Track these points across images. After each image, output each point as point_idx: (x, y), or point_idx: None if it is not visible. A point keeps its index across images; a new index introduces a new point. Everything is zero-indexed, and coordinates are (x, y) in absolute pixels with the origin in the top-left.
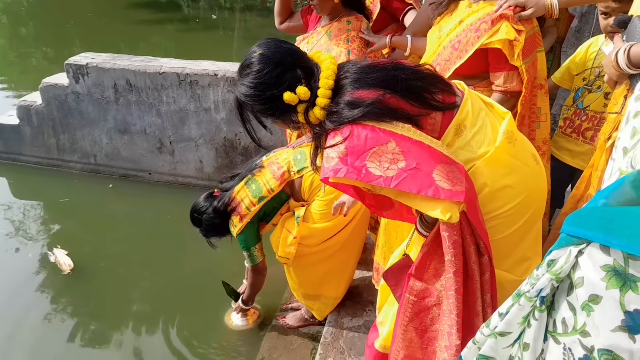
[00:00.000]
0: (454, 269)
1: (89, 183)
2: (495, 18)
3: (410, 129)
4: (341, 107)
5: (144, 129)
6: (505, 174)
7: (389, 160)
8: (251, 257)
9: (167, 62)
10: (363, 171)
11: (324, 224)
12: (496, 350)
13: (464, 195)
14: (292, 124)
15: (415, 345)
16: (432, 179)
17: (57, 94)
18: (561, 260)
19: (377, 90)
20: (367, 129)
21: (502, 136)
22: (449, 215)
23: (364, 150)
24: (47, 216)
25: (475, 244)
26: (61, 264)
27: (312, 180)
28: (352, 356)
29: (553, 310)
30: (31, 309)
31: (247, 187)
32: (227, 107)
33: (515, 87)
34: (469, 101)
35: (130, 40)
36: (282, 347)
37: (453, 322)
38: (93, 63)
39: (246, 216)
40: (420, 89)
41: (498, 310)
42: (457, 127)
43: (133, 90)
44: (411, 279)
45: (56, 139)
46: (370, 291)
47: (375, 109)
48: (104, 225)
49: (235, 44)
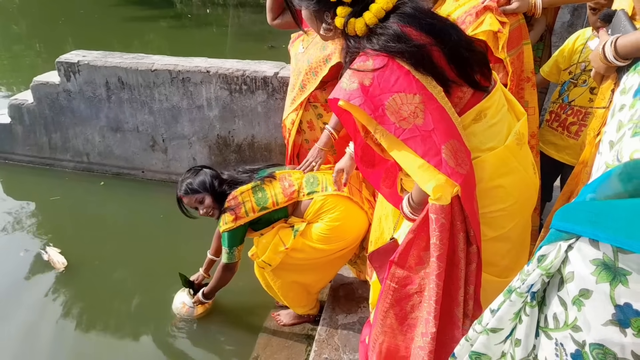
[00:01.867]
0: (438, 253)
1: (81, 182)
2: (479, 10)
3: (440, 92)
4: (386, 34)
5: (136, 127)
6: (504, 174)
7: (408, 112)
8: (230, 255)
9: (159, 59)
10: (379, 110)
11: (321, 245)
12: (488, 346)
13: (463, 178)
14: (323, 24)
15: (395, 331)
16: (439, 150)
17: (49, 92)
18: (551, 255)
19: (427, 36)
20: (402, 70)
21: (513, 136)
22: (439, 196)
23: (389, 90)
24: (39, 215)
25: (465, 231)
26: (55, 262)
27: (321, 205)
28: (347, 352)
29: (544, 305)
30: (24, 307)
31: (254, 193)
32: (220, 104)
33: (501, 79)
34: (498, 92)
35: (123, 38)
36: (277, 344)
37: (431, 308)
38: (84, 61)
39: (241, 219)
40: (465, 60)
41: (490, 306)
42: (479, 112)
43: (125, 88)
44: (393, 266)
45: (48, 138)
46: (365, 288)
47: (419, 53)
48: (97, 224)
49: (229, 40)
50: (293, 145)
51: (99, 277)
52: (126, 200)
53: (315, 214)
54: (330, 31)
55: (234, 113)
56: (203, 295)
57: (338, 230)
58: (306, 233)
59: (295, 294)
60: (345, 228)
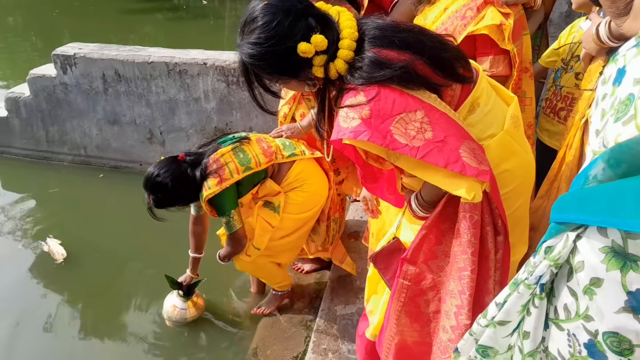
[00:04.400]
0: (472, 249)
1: (79, 175)
2: (480, 4)
3: (436, 100)
4: (366, 64)
5: (133, 119)
6: (507, 158)
7: (415, 129)
8: (230, 223)
9: (155, 51)
10: (388, 137)
11: (300, 215)
12: (495, 339)
13: (489, 174)
14: (308, 82)
15: (410, 328)
16: (459, 154)
17: (45, 85)
18: (559, 246)
19: (405, 52)
20: (396, 92)
21: (509, 120)
22: (474, 195)
23: (390, 115)
24: (38, 207)
25: (493, 223)
26: (54, 253)
27: (301, 169)
28: (346, 343)
29: (553, 297)
30: (24, 298)
31: (235, 154)
32: (217, 96)
33: (502, 71)
34: (484, 80)
35: (119, 31)
36: (276, 335)
37: (464, 302)
38: (81, 53)
39: (227, 181)
40: (445, 60)
41: (494, 300)
42: (472, 103)
43: (122, 81)
44: (405, 264)
45: (45, 131)
46: (363, 279)
47: (406, 73)
48: (95, 216)
49: (226, 32)
50: None
51: (98, 269)
52: (124, 193)
53: (294, 178)
54: (315, 86)
55: (231, 105)
56: (220, 258)
57: (314, 196)
58: (286, 207)
59: (271, 273)
60: (318, 192)
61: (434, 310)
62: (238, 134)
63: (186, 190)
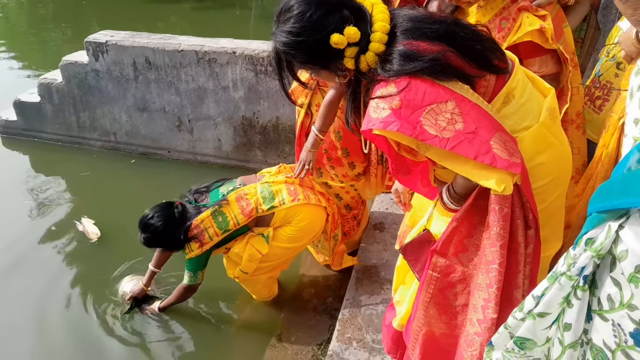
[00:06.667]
0: (501, 242)
1: (109, 160)
2: (515, 13)
3: (468, 90)
4: (397, 57)
5: (163, 107)
6: (542, 150)
7: (446, 120)
8: (193, 278)
9: (185, 39)
10: (418, 128)
11: (291, 245)
12: (534, 332)
13: (521, 167)
14: (339, 72)
15: (438, 320)
16: (489, 146)
17: (77, 71)
18: (601, 236)
19: (436, 44)
20: (427, 83)
21: (545, 112)
22: (504, 187)
23: (420, 106)
24: (70, 190)
25: (523, 217)
26: (89, 233)
27: (285, 214)
28: (370, 333)
29: (595, 288)
30: (61, 276)
31: (214, 218)
32: (245, 85)
33: (552, 69)
34: (520, 71)
35: (147, 20)
36: (299, 323)
37: (492, 295)
38: (112, 41)
39: (207, 244)
40: (478, 51)
41: (532, 292)
42: (507, 95)
43: (152, 68)
44: (434, 256)
45: (77, 117)
46: (388, 270)
47: (437, 65)
48: (125, 199)
49: (252, 22)
50: (301, 126)
51: (131, 249)
52: (153, 178)
53: (281, 222)
54: (346, 77)
55: (259, 94)
56: (158, 309)
57: (305, 229)
58: (276, 236)
59: (257, 287)
60: (310, 225)
61: (462, 304)
62: (225, 186)
63: (171, 240)
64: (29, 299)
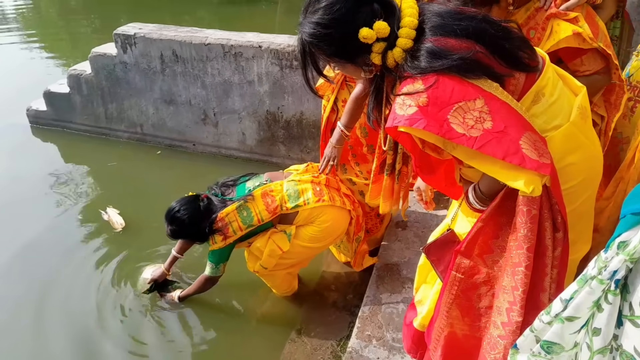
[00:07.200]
0: (528, 245)
1: (135, 151)
2: (543, 22)
3: (497, 88)
4: (424, 54)
5: (189, 100)
6: (573, 151)
7: (474, 119)
8: (215, 270)
9: (212, 33)
10: (445, 126)
11: (312, 244)
12: (562, 336)
13: (550, 168)
14: (365, 67)
15: (460, 322)
16: (518, 146)
17: (106, 63)
18: (635, 240)
19: (466, 41)
20: (455, 81)
21: (576, 111)
22: (532, 188)
23: (448, 104)
24: (96, 180)
25: (552, 219)
26: (114, 223)
27: (309, 213)
28: (390, 331)
29: (627, 293)
30: (85, 263)
31: (239, 213)
32: (270, 79)
33: (600, 63)
34: (550, 69)
35: (174, 14)
36: (319, 318)
37: (517, 298)
38: (140, 33)
39: (230, 238)
40: (508, 49)
41: (560, 295)
42: (537, 93)
43: (179, 61)
44: (458, 257)
45: (104, 108)
46: (409, 268)
47: (466, 63)
48: (151, 190)
49: (278, 17)
50: (327, 122)
51: (155, 239)
52: (178, 170)
53: (304, 221)
54: (372, 72)
55: (283, 89)
56: (178, 298)
57: (328, 230)
58: (298, 235)
59: (277, 281)
60: (333, 227)
61: (486, 305)
62: (252, 181)
63: (195, 233)
64: (53, 284)
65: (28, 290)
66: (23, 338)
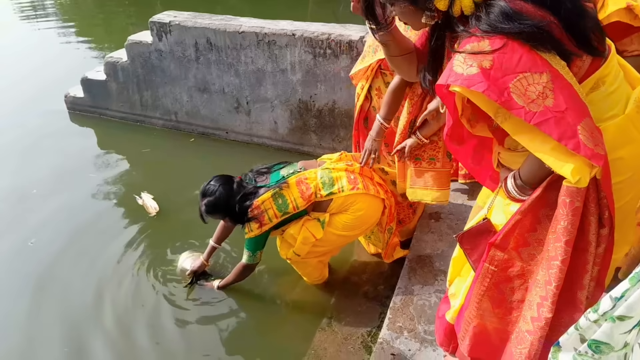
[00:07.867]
0: (567, 238)
1: (169, 139)
2: None
3: (564, 67)
4: (497, 11)
5: (222, 88)
6: (623, 144)
7: (536, 93)
8: (252, 258)
9: (246, 21)
10: (505, 94)
11: (345, 232)
12: (611, 335)
13: (604, 159)
14: (427, 12)
15: (491, 314)
16: (576, 130)
17: (142, 51)
18: None
19: (541, 9)
20: (524, 49)
21: (633, 104)
22: (579, 178)
23: (513, 72)
24: (131, 166)
25: (598, 214)
26: (148, 207)
27: (343, 201)
28: (422, 323)
29: None
30: (120, 246)
31: (274, 200)
32: (303, 68)
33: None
34: (614, 58)
35: (206, 2)
36: (350, 309)
37: (549, 293)
38: (176, 21)
39: (266, 225)
40: (581, 27)
41: (610, 293)
42: (597, 80)
43: (213, 50)
44: (492, 249)
45: (140, 95)
46: (443, 260)
47: (539, 32)
48: (184, 176)
49: (310, 6)
50: (360, 110)
51: (189, 225)
52: (211, 158)
53: (338, 208)
54: (434, 18)
55: (316, 77)
56: (218, 287)
57: (361, 219)
58: (332, 222)
59: (309, 270)
60: (367, 215)
61: (518, 299)
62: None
63: (227, 207)
64: (88, 265)
65: (75, 267)
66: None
